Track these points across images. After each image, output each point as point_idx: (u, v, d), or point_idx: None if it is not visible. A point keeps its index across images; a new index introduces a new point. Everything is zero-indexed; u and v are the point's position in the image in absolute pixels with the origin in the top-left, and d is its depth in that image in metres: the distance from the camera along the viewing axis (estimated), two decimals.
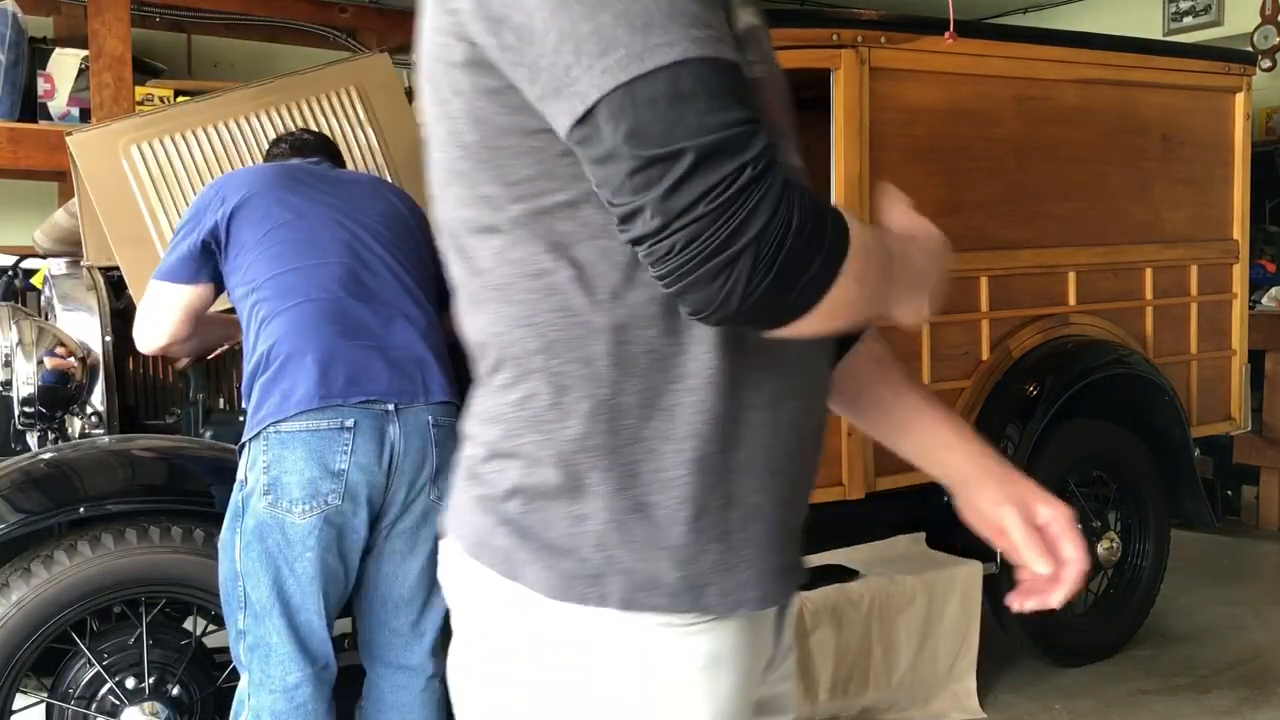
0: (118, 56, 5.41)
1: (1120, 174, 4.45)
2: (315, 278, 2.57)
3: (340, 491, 2.44)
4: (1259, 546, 6.10)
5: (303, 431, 2.43)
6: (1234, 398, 4.87)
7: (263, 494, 2.44)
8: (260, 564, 2.45)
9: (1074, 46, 4.30)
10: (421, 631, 2.64)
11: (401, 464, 2.51)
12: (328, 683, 2.52)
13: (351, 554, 2.51)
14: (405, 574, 2.60)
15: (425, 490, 2.56)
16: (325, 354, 2.48)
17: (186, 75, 6.49)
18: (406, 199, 2.88)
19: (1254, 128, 5.49)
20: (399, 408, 2.51)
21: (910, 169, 3.93)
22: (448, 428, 2.57)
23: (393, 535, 2.57)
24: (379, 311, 2.59)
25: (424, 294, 2.68)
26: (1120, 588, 4.42)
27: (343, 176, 2.90)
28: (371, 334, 2.55)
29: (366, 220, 2.72)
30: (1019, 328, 4.22)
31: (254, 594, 2.46)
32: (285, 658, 2.47)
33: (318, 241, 2.63)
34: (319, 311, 2.53)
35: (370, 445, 2.47)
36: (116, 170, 3.22)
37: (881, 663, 3.73)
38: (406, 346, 2.57)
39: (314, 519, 2.43)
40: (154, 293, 2.71)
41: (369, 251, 2.66)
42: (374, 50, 5.41)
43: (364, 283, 2.61)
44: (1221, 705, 3.96)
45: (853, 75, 3.77)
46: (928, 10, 4.18)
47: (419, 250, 2.74)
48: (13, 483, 2.68)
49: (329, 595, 2.49)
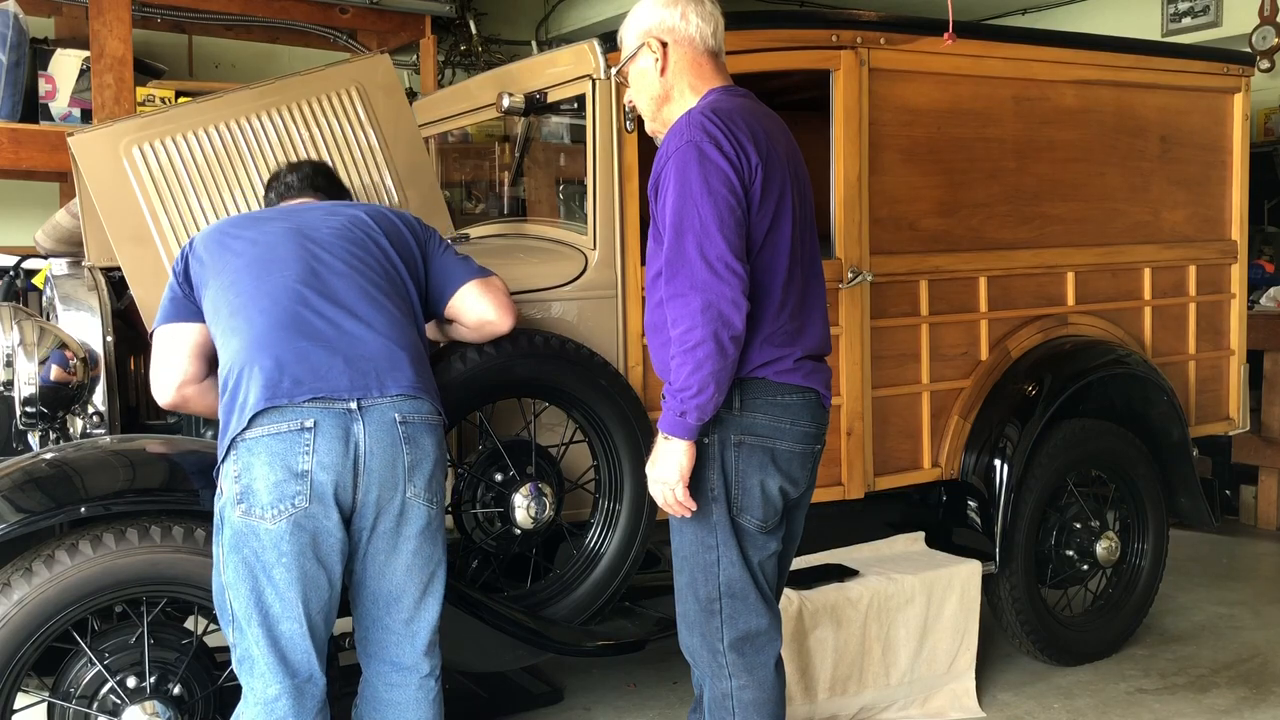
0: (119, 57, 5.42)
1: (1119, 174, 4.46)
2: (268, 291, 2.59)
3: (306, 493, 2.42)
4: (1257, 546, 6.11)
5: (265, 436, 2.42)
6: (1232, 398, 4.89)
7: (236, 503, 2.43)
8: (239, 575, 2.44)
9: (1073, 47, 4.31)
10: (414, 630, 2.63)
11: (369, 463, 2.48)
12: (313, 695, 2.49)
13: (330, 558, 2.48)
14: (391, 572, 2.59)
15: (400, 489, 2.53)
16: (276, 359, 2.48)
17: (187, 76, 6.50)
18: (375, 211, 2.89)
19: (1252, 128, 5.51)
20: (362, 406, 2.49)
21: (909, 169, 3.94)
22: (419, 424, 2.55)
23: (374, 537, 2.55)
24: (336, 313, 2.58)
25: (387, 296, 2.68)
26: (1119, 587, 4.43)
27: (302, 206, 2.94)
28: (326, 335, 2.55)
29: (321, 232, 2.74)
30: (1018, 328, 4.23)
31: (236, 605, 2.46)
32: (265, 670, 2.44)
33: (271, 258, 2.66)
34: (270, 322, 2.54)
35: (333, 445, 2.45)
36: (118, 171, 3.22)
37: (880, 661, 3.74)
38: (363, 345, 2.56)
39: (284, 524, 2.41)
40: (155, 342, 2.82)
41: (324, 257, 2.67)
42: (375, 51, 5.43)
43: (319, 289, 2.61)
44: (1220, 704, 3.97)
45: (852, 76, 3.78)
46: (927, 11, 4.19)
47: (383, 256, 2.76)
48: (14, 482, 2.68)
49: (310, 603, 2.45)
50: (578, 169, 3.85)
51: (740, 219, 2.54)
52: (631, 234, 3.49)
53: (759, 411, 2.66)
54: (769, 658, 2.76)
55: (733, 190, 2.53)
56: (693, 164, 2.53)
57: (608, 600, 3.37)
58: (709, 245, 2.49)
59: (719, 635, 2.73)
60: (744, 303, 2.51)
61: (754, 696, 2.74)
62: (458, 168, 4.87)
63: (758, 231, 2.60)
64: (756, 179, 2.57)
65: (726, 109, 2.63)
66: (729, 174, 2.52)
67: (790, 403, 2.68)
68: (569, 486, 3.42)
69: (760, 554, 2.75)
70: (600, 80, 3.44)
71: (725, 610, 2.72)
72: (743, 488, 2.68)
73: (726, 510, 2.69)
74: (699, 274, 2.50)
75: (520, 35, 7.81)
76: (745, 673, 2.73)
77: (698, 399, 2.52)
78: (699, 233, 2.50)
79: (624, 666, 4.26)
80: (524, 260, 3.56)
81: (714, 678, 2.77)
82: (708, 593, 2.73)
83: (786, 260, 2.65)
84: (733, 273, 2.50)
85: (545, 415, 3.39)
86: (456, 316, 2.98)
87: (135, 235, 3.22)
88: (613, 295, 3.49)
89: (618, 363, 3.47)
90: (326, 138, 3.45)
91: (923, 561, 3.93)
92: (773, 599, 2.80)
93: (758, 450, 2.67)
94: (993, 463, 4.02)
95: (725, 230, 2.50)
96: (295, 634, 2.45)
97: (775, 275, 2.64)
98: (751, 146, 2.57)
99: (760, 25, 3.72)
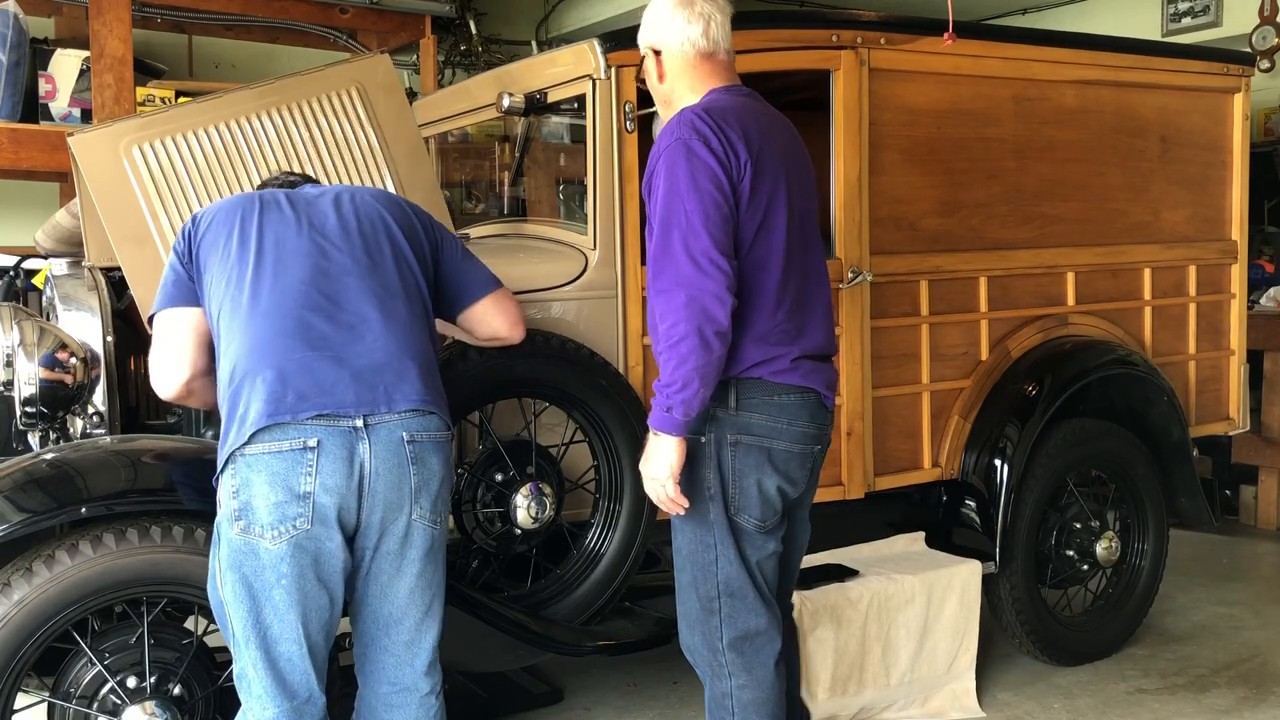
0: (119, 57, 5.42)
1: (1119, 174, 4.46)
2: (273, 292, 2.48)
3: (308, 515, 2.34)
4: (1257, 546, 6.12)
5: (265, 454, 2.34)
6: (1232, 398, 4.89)
7: (234, 519, 2.36)
8: (237, 593, 2.37)
9: (1073, 47, 4.31)
10: (415, 651, 2.57)
11: (374, 484, 2.40)
12: (311, 715, 2.43)
13: (332, 578, 2.40)
14: (394, 594, 2.52)
15: (406, 510, 2.45)
16: (279, 371, 2.38)
17: (187, 76, 6.50)
18: (388, 200, 2.75)
19: (1252, 128, 5.51)
20: (368, 424, 2.39)
21: (909, 169, 3.94)
22: (426, 443, 2.46)
23: (378, 557, 2.47)
24: (344, 317, 2.48)
25: (396, 297, 2.57)
26: (1119, 587, 4.42)
27: (308, 192, 2.73)
28: (333, 344, 2.44)
29: (329, 228, 2.60)
30: (1018, 328, 4.23)
31: (235, 623, 2.40)
32: (262, 691, 2.38)
33: (278, 255, 2.53)
34: (274, 328, 2.43)
35: (337, 465, 2.36)
36: (118, 171, 3.22)
37: (880, 662, 3.73)
38: (371, 355, 2.45)
39: (285, 545, 2.33)
40: (155, 328, 2.65)
41: (334, 255, 2.55)
42: (375, 51, 5.42)
43: (327, 290, 2.50)
44: (1220, 704, 3.97)
45: (852, 76, 3.78)
46: (927, 11, 4.19)
47: (394, 251, 2.63)
48: (15, 483, 2.68)
49: (309, 624, 2.39)
50: (578, 169, 3.85)
51: (727, 215, 2.55)
52: (631, 234, 3.49)
53: (755, 411, 2.67)
54: (768, 658, 2.76)
55: (719, 187, 2.54)
56: (681, 161, 2.55)
57: (608, 600, 3.37)
58: (694, 241, 2.51)
59: (718, 634, 2.75)
60: (729, 298, 2.52)
61: (753, 696, 2.75)
62: (458, 168, 4.87)
63: (748, 229, 2.61)
64: (745, 176, 2.58)
65: (720, 107, 2.65)
66: (716, 171, 2.54)
67: (787, 403, 2.69)
68: (569, 486, 3.42)
69: (759, 554, 2.75)
70: (600, 80, 3.44)
71: (724, 609, 2.73)
72: (740, 487, 2.69)
73: (724, 509, 2.70)
74: (684, 269, 2.51)
75: (520, 35, 7.82)
76: (744, 672, 2.74)
77: (683, 394, 2.53)
78: (684, 229, 2.52)
79: (624, 666, 4.26)
80: (524, 260, 3.56)
81: (714, 677, 2.78)
82: (707, 591, 2.74)
83: (781, 258, 2.65)
84: (717, 268, 2.51)
85: (545, 415, 3.39)
86: (469, 329, 2.90)
87: (135, 235, 3.21)
88: (613, 295, 3.49)
89: (618, 363, 3.47)
90: (326, 138, 3.45)
91: (923, 561, 3.93)
92: (772, 599, 2.80)
93: (754, 450, 2.68)
94: (993, 463, 4.02)
95: (711, 226, 2.52)
96: (294, 655, 2.40)
97: (769, 273, 2.64)
98: (742, 144, 2.58)
99: (760, 25, 3.72)
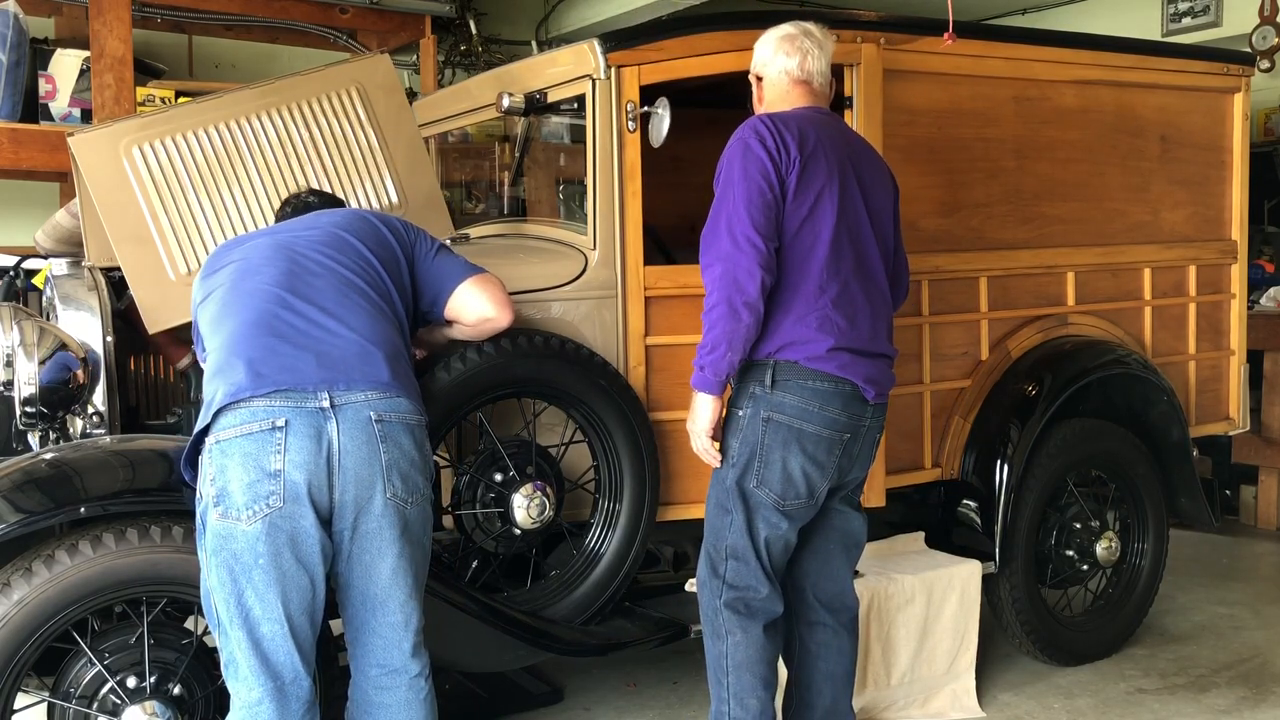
0: (119, 57, 5.42)
1: (1119, 174, 4.46)
2: (245, 294, 2.61)
3: (280, 493, 2.39)
4: (1257, 546, 6.12)
5: (237, 437, 2.41)
6: (1232, 398, 4.88)
7: (214, 505, 2.42)
8: (220, 578, 2.43)
9: (1073, 47, 4.31)
10: (402, 633, 2.60)
11: (343, 461, 2.45)
12: (298, 697, 2.47)
13: (310, 558, 2.45)
14: (377, 574, 2.56)
15: (379, 489, 2.49)
16: (247, 360, 2.48)
17: (187, 76, 6.50)
18: (351, 216, 2.89)
19: (1252, 128, 5.51)
20: (335, 404, 2.46)
21: (910, 169, 3.94)
22: (395, 423, 2.53)
23: (357, 537, 2.51)
24: (310, 310, 2.58)
25: (363, 295, 2.67)
26: (1119, 587, 4.42)
27: (286, 222, 2.93)
28: (298, 329, 2.54)
29: (310, 233, 2.75)
30: (1018, 328, 4.23)
31: (219, 607, 2.44)
32: (248, 673, 2.42)
33: (249, 267, 2.67)
34: (244, 322, 2.55)
35: (305, 444, 2.42)
36: (118, 171, 3.22)
37: (880, 661, 3.74)
38: (337, 339, 2.55)
39: (260, 524, 2.39)
40: None
41: (302, 260, 2.67)
42: (375, 51, 5.42)
43: (294, 288, 2.61)
44: (1220, 704, 3.97)
45: (852, 76, 3.77)
46: (927, 11, 4.19)
47: (359, 257, 2.74)
48: (14, 483, 2.68)
49: (290, 603, 2.43)
50: (578, 169, 3.85)
51: (770, 203, 2.85)
52: (632, 234, 3.49)
53: (789, 392, 2.90)
54: (762, 620, 2.96)
55: (766, 177, 2.84)
56: (737, 156, 2.88)
57: (608, 600, 3.38)
58: (736, 223, 2.83)
59: (719, 593, 2.98)
60: (759, 273, 2.80)
61: (744, 655, 2.95)
62: (458, 168, 4.87)
63: (794, 218, 2.89)
64: (794, 170, 2.87)
65: (786, 114, 2.98)
66: (765, 163, 2.85)
67: (820, 389, 2.91)
68: (569, 486, 3.42)
69: (769, 530, 2.95)
70: (600, 80, 3.44)
71: (729, 571, 2.97)
72: (765, 461, 2.92)
73: (741, 478, 2.94)
74: (724, 246, 2.83)
75: (520, 35, 7.81)
76: (739, 630, 2.95)
77: (712, 355, 2.85)
78: (730, 212, 2.85)
79: (624, 666, 4.26)
80: (524, 260, 3.56)
81: (713, 638, 3.01)
82: (717, 552, 2.99)
83: (826, 249, 2.90)
84: (752, 245, 2.81)
85: (545, 415, 3.39)
86: (456, 316, 2.97)
87: (135, 235, 3.22)
88: (613, 295, 3.49)
89: (618, 363, 3.47)
90: (326, 138, 3.46)
91: (923, 561, 3.93)
92: (774, 576, 3.00)
93: (784, 428, 2.91)
94: (993, 463, 4.02)
95: (752, 210, 2.82)
96: (277, 635, 2.43)
97: (813, 259, 2.90)
98: (795, 143, 2.87)
99: (761, 26, 3.71)
